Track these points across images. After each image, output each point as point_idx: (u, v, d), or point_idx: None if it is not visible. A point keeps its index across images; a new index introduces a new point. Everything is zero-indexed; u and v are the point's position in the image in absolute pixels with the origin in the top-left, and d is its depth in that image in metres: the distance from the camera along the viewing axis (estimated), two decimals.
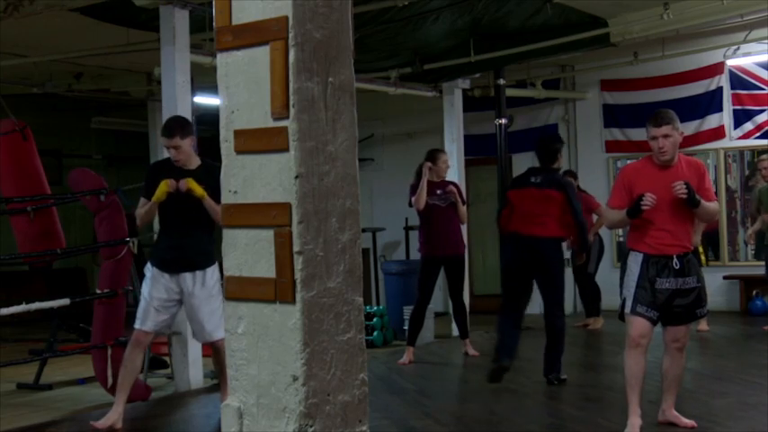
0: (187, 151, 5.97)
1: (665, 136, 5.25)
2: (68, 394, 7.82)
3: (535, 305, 12.69)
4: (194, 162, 6.04)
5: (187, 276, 5.97)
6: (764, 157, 10.10)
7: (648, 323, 5.25)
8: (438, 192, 8.48)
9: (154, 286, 5.99)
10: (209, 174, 5.96)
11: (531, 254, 7.11)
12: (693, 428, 5.46)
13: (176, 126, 6.06)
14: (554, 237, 7.13)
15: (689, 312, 5.37)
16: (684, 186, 5.15)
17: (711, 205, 5.39)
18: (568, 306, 12.17)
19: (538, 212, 7.10)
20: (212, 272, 6.04)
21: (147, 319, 6.00)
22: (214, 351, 6.19)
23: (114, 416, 6.03)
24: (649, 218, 5.25)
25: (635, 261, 5.32)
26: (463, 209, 8.72)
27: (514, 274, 7.30)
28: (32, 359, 8.20)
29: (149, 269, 6.08)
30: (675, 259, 5.24)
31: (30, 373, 8.09)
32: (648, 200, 5.16)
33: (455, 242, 8.61)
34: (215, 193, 5.82)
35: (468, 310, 9.37)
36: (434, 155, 8.68)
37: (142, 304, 6.05)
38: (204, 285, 5.99)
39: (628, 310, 5.27)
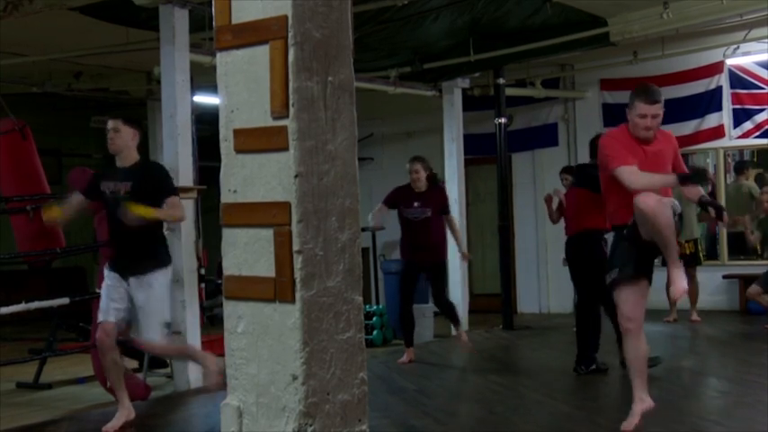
0: (125, 139, 5.88)
1: (655, 116, 5.06)
2: (68, 393, 7.82)
3: (534, 304, 12.76)
4: (132, 158, 5.95)
5: (132, 281, 5.86)
6: (767, 189, 10.19)
7: (628, 293, 5.07)
8: (415, 204, 8.26)
9: (108, 284, 5.93)
10: (149, 173, 5.94)
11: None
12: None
13: (123, 116, 6.09)
14: None
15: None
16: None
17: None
18: (568, 304, 12.22)
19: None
20: (159, 276, 5.91)
21: (108, 312, 5.89)
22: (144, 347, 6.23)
23: (124, 413, 6.00)
24: (625, 195, 5.01)
25: (613, 237, 5.25)
26: (452, 218, 8.62)
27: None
28: (32, 358, 8.21)
29: (105, 272, 6.02)
30: None
31: (29, 373, 8.09)
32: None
33: (435, 251, 8.38)
34: (159, 192, 5.78)
35: (457, 305, 9.31)
36: (413, 160, 8.41)
37: (102, 301, 5.96)
38: (148, 290, 5.85)
39: (612, 276, 5.13)
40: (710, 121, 11.68)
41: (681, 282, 4.92)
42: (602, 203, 5.55)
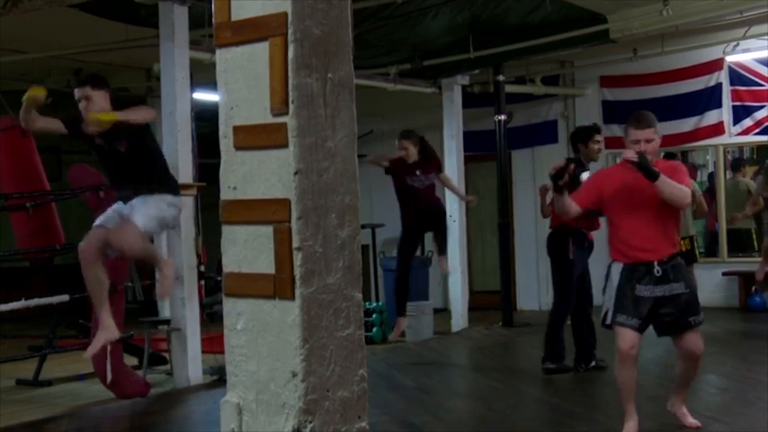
0: (101, 105, 5.59)
1: (648, 140, 5.07)
2: (68, 390, 7.82)
3: (534, 301, 12.77)
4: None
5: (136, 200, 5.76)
6: None
7: (634, 333, 5.08)
8: (417, 173, 8.53)
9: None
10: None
11: None
12: (698, 428, 5.37)
13: (89, 76, 5.83)
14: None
15: (680, 321, 5.16)
16: (636, 154, 4.93)
17: (678, 185, 5.05)
18: None
19: None
20: (165, 197, 5.82)
21: (104, 220, 5.80)
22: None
23: (104, 334, 5.82)
24: (627, 225, 5.11)
25: (616, 270, 5.18)
26: (446, 174, 9.30)
27: None
28: (32, 355, 8.21)
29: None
30: (657, 266, 5.06)
31: (29, 369, 8.09)
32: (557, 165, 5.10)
33: (439, 211, 8.89)
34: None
35: (457, 302, 9.33)
36: (400, 137, 8.66)
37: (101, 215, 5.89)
38: (149, 199, 5.75)
39: (608, 321, 5.13)
40: (710, 118, 11.68)
41: None
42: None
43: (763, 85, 11.33)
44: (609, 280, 5.22)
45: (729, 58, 11.49)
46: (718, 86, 11.60)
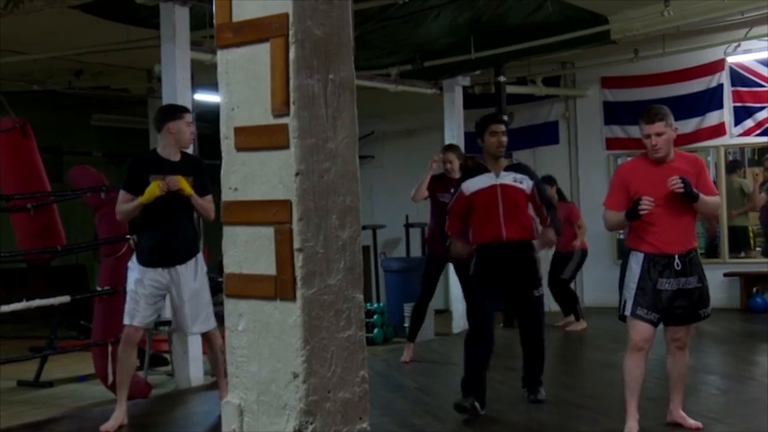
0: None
1: (658, 134, 5.12)
2: (69, 391, 7.82)
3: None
4: (180, 152, 6.00)
5: (180, 268, 5.94)
6: None
7: (650, 326, 5.12)
8: (452, 190, 8.24)
9: (140, 282, 5.92)
10: (195, 166, 5.98)
11: None
12: (699, 429, 5.37)
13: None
14: None
15: (691, 313, 5.24)
16: (680, 181, 5.01)
17: (712, 199, 5.25)
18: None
19: None
20: (201, 259, 6.08)
21: (136, 315, 5.92)
22: (209, 344, 6.26)
23: (120, 415, 5.99)
24: (648, 217, 5.11)
25: (635, 261, 5.18)
26: None
27: None
28: (33, 356, 8.20)
29: (134, 265, 5.99)
30: (677, 259, 5.10)
31: (30, 371, 8.09)
32: (646, 204, 5.02)
33: None
34: (203, 187, 5.85)
35: (458, 303, 9.22)
36: (445, 150, 8.40)
37: (129, 300, 5.97)
38: (197, 274, 6.00)
39: (628, 312, 5.14)
40: (711, 119, 11.67)
41: None
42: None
43: (764, 86, 11.33)
44: (629, 270, 5.22)
45: (730, 59, 11.49)
46: (720, 87, 11.59)
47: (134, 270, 5.98)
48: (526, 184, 6.28)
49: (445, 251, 7.48)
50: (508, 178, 6.24)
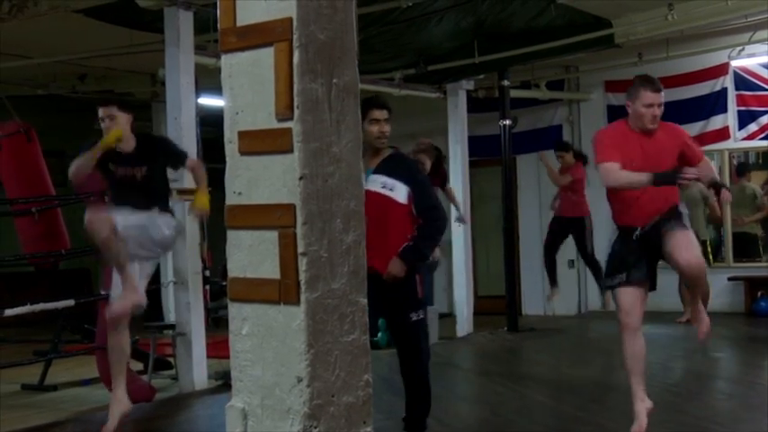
0: (123, 126, 5.83)
1: (660, 104, 4.97)
2: (73, 395, 7.82)
3: (539, 306, 12.75)
4: (131, 142, 5.90)
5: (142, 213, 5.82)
6: None
7: (628, 290, 4.93)
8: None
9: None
10: (156, 150, 5.95)
11: None
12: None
13: (116, 99, 6.12)
14: None
15: (662, 228, 4.91)
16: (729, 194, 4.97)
17: (706, 166, 5.08)
18: (572, 306, 12.20)
19: None
20: (167, 216, 5.94)
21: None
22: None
23: (119, 406, 5.86)
24: (630, 192, 4.95)
25: (612, 237, 5.12)
26: (450, 188, 9.14)
27: None
28: (37, 360, 8.21)
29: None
30: (639, 230, 4.96)
31: (34, 374, 8.10)
32: (691, 173, 4.80)
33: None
34: (177, 158, 5.88)
35: (462, 307, 9.25)
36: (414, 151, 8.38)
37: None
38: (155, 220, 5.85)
39: (603, 289, 5.10)
40: (715, 122, 11.66)
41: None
42: None
43: None
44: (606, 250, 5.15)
45: (734, 63, 11.48)
46: (724, 91, 11.58)
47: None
48: (399, 191, 5.06)
49: None
50: (377, 183, 5.01)
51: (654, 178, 4.81)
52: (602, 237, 10.20)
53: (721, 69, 11.58)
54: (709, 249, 10.48)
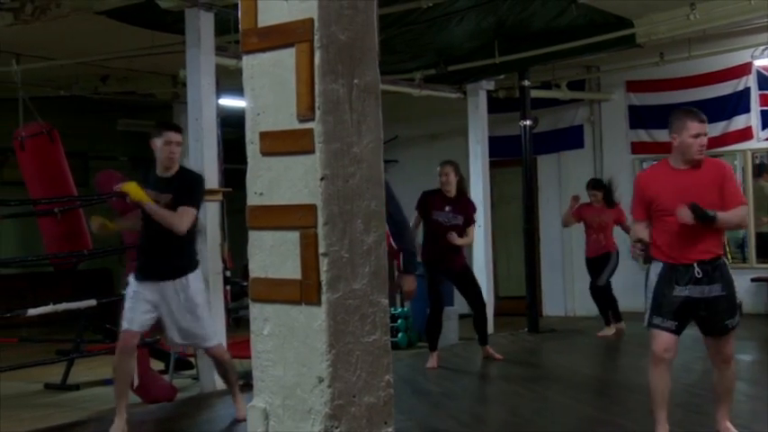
0: (180, 152, 5.96)
1: (706, 134, 4.96)
2: (95, 394, 7.87)
3: (560, 307, 12.71)
4: (176, 168, 5.95)
5: (167, 284, 5.87)
6: None
7: (669, 335, 5.00)
8: (447, 209, 8.22)
9: (136, 293, 5.89)
10: (179, 180, 5.91)
11: None
12: None
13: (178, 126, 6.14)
14: None
15: (715, 322, 5.08)
16: (688, 212, 4.83)
17: (735, 213, 5.00)
18: (593, 307, 12.13)
19: None
20: (194, 279, 5.97)
21: (134, 320, 5.87)
22: (214, 362, 6.32)
23: (120, 425, 5.88)
24: (669, 226, 4.98)
25: (654, 271, 5.08)
26: (472, 231, 8.47)
27: None
28: (59, 359, 8.26)
29: (131, 278, 5.99)
30: (697, 267, 4.94)
31: (57, 374, 8.15)
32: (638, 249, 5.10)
33: (453, 258, 8.30)
34: (178, 199, 5.77)
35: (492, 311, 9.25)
36: (443, 163, 8.39)
37: (127, 308, 5.94)
38: (186, 294, 5.91)
39: (645, 323, 5.07)
40: (738, 122, 11.58)
41: None
42: None
43: None
44: (648, 280, 5.11)
45: (757, 63, 11.40)
46: (746, 91, 11.50)
47: (131, 282, 5.99)
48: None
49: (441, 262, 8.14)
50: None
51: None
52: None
53: (744, 69, 11.51)
54: (728, 249, 10.40)
